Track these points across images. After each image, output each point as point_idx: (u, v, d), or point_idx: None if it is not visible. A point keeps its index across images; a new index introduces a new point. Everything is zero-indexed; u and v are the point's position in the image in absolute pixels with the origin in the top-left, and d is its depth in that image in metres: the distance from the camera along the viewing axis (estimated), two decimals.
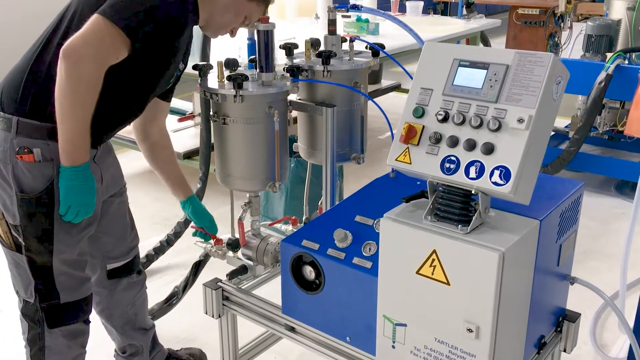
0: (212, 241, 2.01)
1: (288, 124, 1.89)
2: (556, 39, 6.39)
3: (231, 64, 1.76)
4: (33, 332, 1.82)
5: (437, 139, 1.29)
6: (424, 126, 1.31)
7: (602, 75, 3.60)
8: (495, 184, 1.21)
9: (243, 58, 2.70)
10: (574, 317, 1.71)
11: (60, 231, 1.71)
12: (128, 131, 2.04)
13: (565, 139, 4.20)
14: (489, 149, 1.22)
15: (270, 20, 1.76)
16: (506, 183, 1.20)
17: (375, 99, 5.67)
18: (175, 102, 4.44)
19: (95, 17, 1.54)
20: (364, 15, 4.81)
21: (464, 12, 5.37)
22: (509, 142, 1.21)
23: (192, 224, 2.09)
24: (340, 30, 4.42)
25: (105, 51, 1.55)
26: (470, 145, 1.24)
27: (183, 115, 4.02)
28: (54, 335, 1.81)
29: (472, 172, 1.24)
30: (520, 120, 1.20)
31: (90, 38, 1.52)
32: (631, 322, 1.91)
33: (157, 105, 1.95)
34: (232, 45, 3.34)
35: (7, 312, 2.71)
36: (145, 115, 1.90)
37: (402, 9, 5.59)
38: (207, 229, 2.05)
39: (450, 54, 1.32)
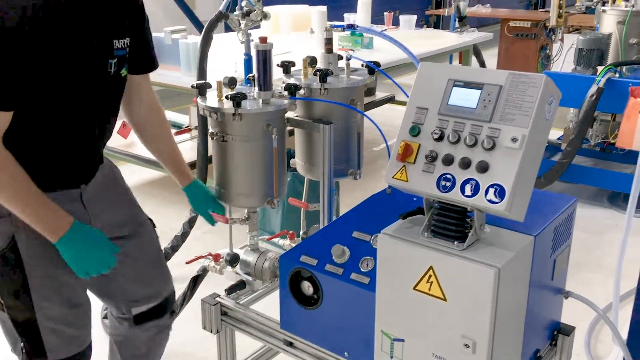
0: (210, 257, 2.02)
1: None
2: (548, 51, 6.48)
3: (230, 82, 1.78)
4: None
5: (433, 158, 1.31)
6: (420, 145, 1.34)
7: (594, 89, 3.65)
8: (490, 201, 1.24)
9: (239, 72, 2.74)
10: (568, 331, 1.73)
11: (35, 285, 1.59)
12: (124, 144, 2.03)
13: (558, 150, 4.25)
14: (483, 168, 1.25)
15: (266, 36, 1.79)
16: (501, 201, 1.23)
17: (370, 111, 5.67)
18: (172, 115, 4.47)
19: None
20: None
21: (457, 25, 5.43)
22: (503, 160, 1.24)
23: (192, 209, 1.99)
24: (335, 44, 4.45)
25: None
26: (465, 164, 1.27)
27: (179, 129, 4.04)
28: None
29: (468, 190, 1.27)
30: (514, 140, 1.23)
31: None
32: (624, 335, 1.94)
33: (131, 82, 1.73)
34: (229, 60, 3.39)
35: None
36: (124, 97, 1.72)
37: (396, 22, 5.65)
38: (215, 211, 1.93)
39: (445, 74, 1.35)
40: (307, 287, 1.64)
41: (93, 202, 1.65)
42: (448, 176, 1.29)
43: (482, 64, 6.45)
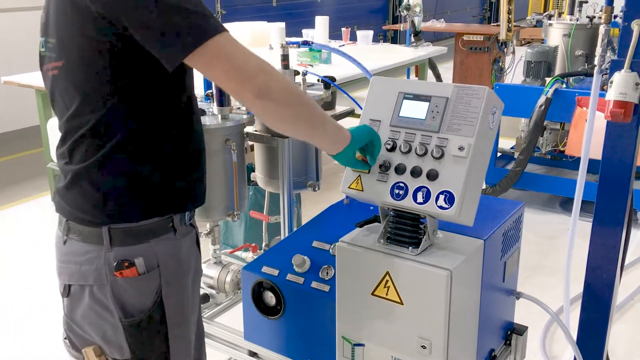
0: None
1: (245, 151, 1.96)
2: (500, 64, 6.69)
3: None
4: None
5: (386, 167, 1.38)
6: None
7: (542, 99, 3.81)
8: (441, 207, 1.30)
9: (199, 89, 2.76)
10: (521, 330, 1.80)
11: (177, 355, 1.38)
12: None
13: (511, 159, 4.40)
14: (433, 175, 1.32)
15: None
16: (451, 206, 1.29)
17: None
18: None
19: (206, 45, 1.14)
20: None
21: (412, 40, 5.57)
22: (452, 168, 1.31)
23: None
24: (294, 59, 4.52)
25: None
26: (417, 172, 1.34)
27: None
28: None
29: (420, 197, 1.33)
30: (461, 148, 1.30)
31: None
32: (575, 335, 2.02)
33: None
34: None
35: (36, 289, 2.64)
36: None
37: (353, 37, 5.76)
38: None
39: (396, 87, 1.42)
40: (269, 298, 1.67)
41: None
42: (401, 184, 1.35)
43: (437, 77, 6.62)
